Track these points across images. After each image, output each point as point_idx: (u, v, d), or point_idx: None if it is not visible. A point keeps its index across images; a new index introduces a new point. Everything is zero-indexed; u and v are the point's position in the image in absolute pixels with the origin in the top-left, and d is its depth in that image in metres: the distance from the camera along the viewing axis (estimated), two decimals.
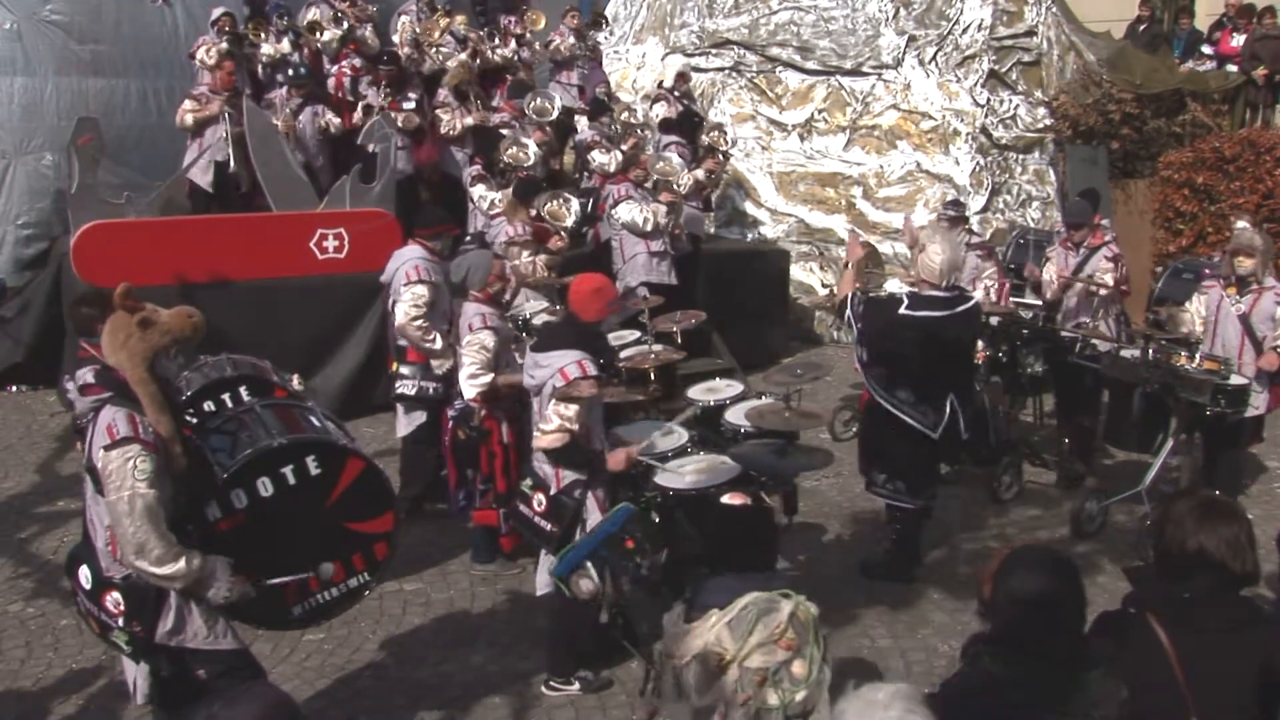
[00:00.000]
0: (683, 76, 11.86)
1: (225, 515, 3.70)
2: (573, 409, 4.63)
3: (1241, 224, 9.27)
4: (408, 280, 6.37)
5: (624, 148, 9.75)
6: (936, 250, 5.58)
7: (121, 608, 3.58)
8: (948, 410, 5.68)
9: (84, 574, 3.69)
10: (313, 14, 11.01)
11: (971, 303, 5.80)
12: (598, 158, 9.85)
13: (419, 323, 6.33)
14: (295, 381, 4.51)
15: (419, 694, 5.00)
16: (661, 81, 12.10)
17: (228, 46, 10.17)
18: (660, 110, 10.82)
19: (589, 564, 4.57)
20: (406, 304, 6.35)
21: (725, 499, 3.28)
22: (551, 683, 5.00)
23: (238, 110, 9.37)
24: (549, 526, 4.77)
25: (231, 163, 9.43)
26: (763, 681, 2.92)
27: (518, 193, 8.05)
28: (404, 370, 6.52)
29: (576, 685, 4.98)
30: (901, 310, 5.60)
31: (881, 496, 6.10)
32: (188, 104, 9.45)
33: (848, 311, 5.80)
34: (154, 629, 3.58)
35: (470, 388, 5.75)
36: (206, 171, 9.54)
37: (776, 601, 3.01)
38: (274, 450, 3.77)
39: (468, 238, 8.86)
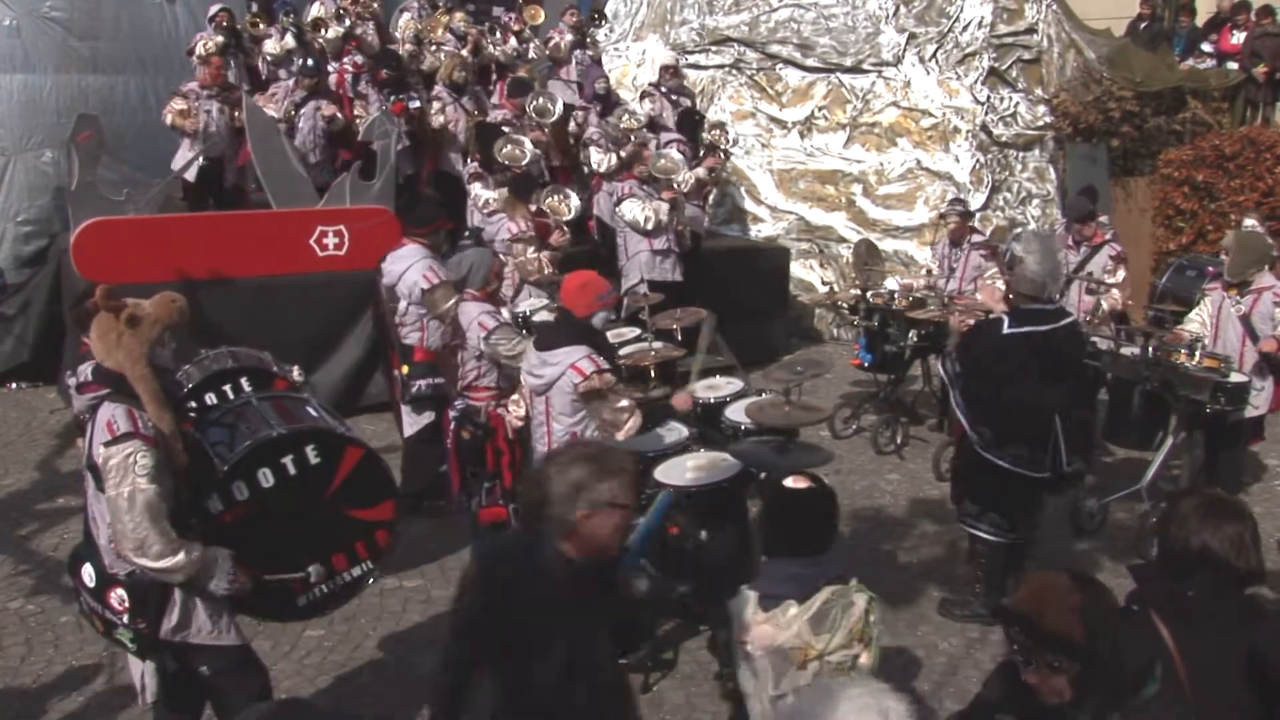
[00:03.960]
0: (670, 70, 11.57)
1: (227, 507, 3.71)
2: (619, 398, 4.65)
3: (1250, 221, 9.26)
4: (430, 285, 6.34)
5: (622, 152, 9.75)
6: (1034, 259, 5.20)
7: (126, 604, 3.58)
8: (1052, 442, 5.29)
9: (87, 572, 3.69)
10: (316, 10, 11.02)
11: (1072, 319, 5.43)
12: (594, 155, 9.88)
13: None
14: (295, 373, 4.52)
15: (419, 691, 4.99)
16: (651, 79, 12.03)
17: (223, 40, 10.18)
18: (646, 107, 10.77)
19: (643, 561, 4.61)
20: (447, 305, 6.24)
21: (788, 482, 3.29)
22: None
23: (227, 105, 9.40)
24: None
25: (202, 160, 9.44)
26: (839, 671, 2.99)
27: (516, 190, 8.06)
28: (413, 370, 6.52)
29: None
30: (1005, 330, 5.19)
31: (974, 530, 5.60)
32: (175, 103, 9.46)
33: (943, 370, 5.50)
34: (158, 625, 3.58)
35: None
36: (192, 167, 9.55)
37: (851, 596, 3.05)
38: (273, 440, 3.78)
39: (465, 234, 8.88)
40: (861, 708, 1.96)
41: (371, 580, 4.09)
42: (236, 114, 9.49)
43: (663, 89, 11.29)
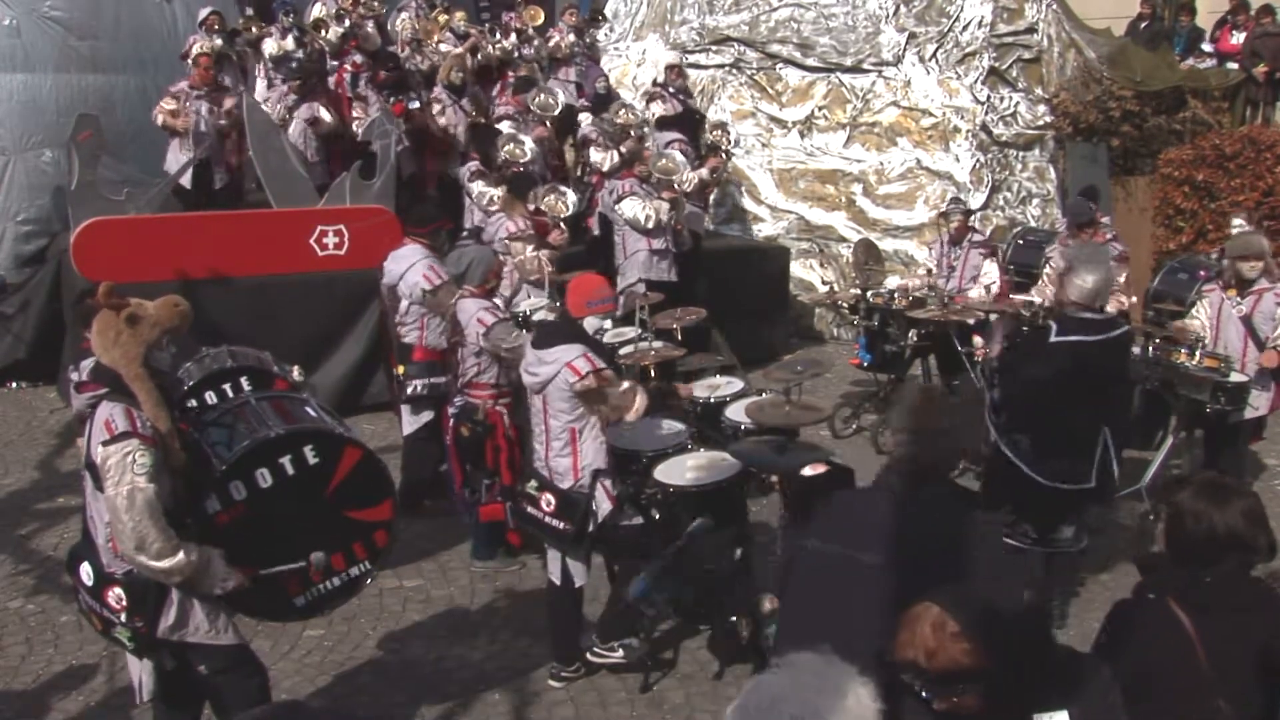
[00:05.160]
0: (675, 69, 11.60)
1: (225, 508, 3.70)
2: (618, 385, 4.71)
3: (1238, 221, 9.25)
4: (432, 286, 6.35)
5: (622, 149, 9.74)
6: (1089, 270, 5.02)
7: (124, 604, 3.58)
8: (1099, 453, 5.10)
9: (85, 571, 3.70)
10: (318, 10, 11.02)
11: (1125, 329, 5.26)
12: (594, 155, 9.85)
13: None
14: (295, 372, 4.51)
15: (419, 690, 5.01)
16: (656, 79, 12.04)
17: (221, 44, 10.18)
18: (656, 108, 10.77)
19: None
20: (451, 302, 6.28)
21: (806, 470, 3.29)
22: (562, 673, 5.02)
23: (217, 105, 9.40)
24: (561, 525, 4.79)
25: (194, 157, 9.41)
26: None
27: (514, 189, 8.07)
28: (410, 370, 6.52)
29: (620, 652, 4.98)
30: (1053, 338, 5.06)
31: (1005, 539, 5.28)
32: (167, 103, 9.45)
33: (983, 374, 5.41)
34: (156, 624, 3.58)
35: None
36: (188, 167, 9.54)
37: None
38: (271, 441, 3.77)
39: (464, 233, 8.87)
40: (828, 685, 1.95)
41: (370, 580, 4.09)
42: (227, 110, 9.47)
43: (670, 89, 11.28)
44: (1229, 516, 2.76)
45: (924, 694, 2.42)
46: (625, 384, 4.78)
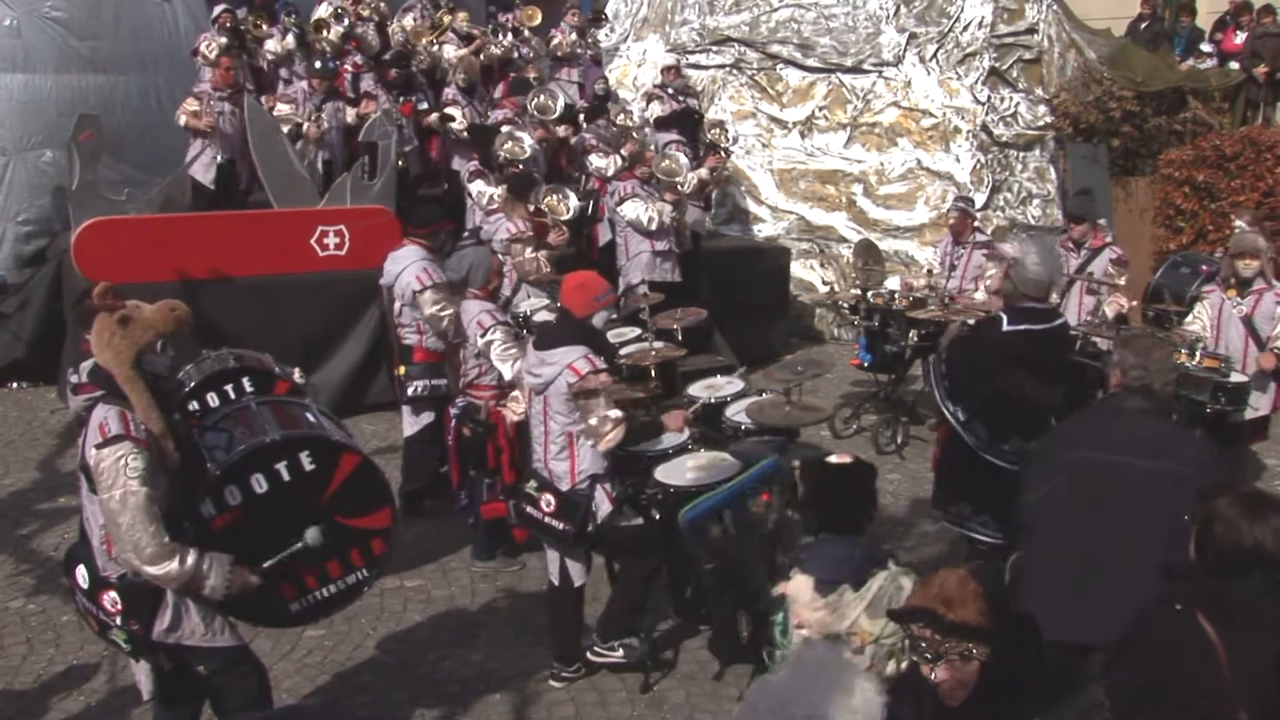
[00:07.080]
0: (672, 70, 11.59)
1: (220, 512, 3.70)
2: (609, 406, 4.66)
3: (1240, 223, 9.26)
4: (421, 286, 6.34)
5: (623, 152, 9.72)
6: (1036, 260, 5.09)
7: (119, 606, 3.58)
8: None
9: (81, 573, 3.69)
10: (323, 9, 11.02)
11: (1063, 319, 5.40)
12: (595, 161, 9.81)
13: (447, 317, 6.30)
14: (296, 374, 4.51)
15: (419, 690, 5.01)
16: (654, 80, 12.05)
17: (227, 42, 10.18)
18: (655, 109, 10.76)
19: (727, 512, 4.62)
20: (434, 309, 6.28)
21: (833, 459, 3.57)
22: (562, 673, 5.02)
23: (239, 107, 9.38)
24: (561, 525, 4.79)
25: (219, 157, 9.40)
26: (890, 654, 3.25)
27: (514, 189, 8.05)
28: (411, 371, 6.52)
29: (620, 652, 4.98)
30: (1004, 328, 5.10)
31: (969, 532, 5.32)
32: (190, 104, 9.44)
33: (932, 371, 5.52)
34: (151, 627, 3.58)
35: (510, 370, 5.76)
36: (209, 169, 9.52)
37: (899, 580, 3.29)
38: (267, 446, 3.76)
39: (465, 233, 8.87)
40: (835, 683, 1.97)
41: (367, 588, 4.07)
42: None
43: (669, 90, 11.27)
44: (1259, 530, 2.72)
45: (928, 655, 2.50)
46: (613, 413, 4.69)
